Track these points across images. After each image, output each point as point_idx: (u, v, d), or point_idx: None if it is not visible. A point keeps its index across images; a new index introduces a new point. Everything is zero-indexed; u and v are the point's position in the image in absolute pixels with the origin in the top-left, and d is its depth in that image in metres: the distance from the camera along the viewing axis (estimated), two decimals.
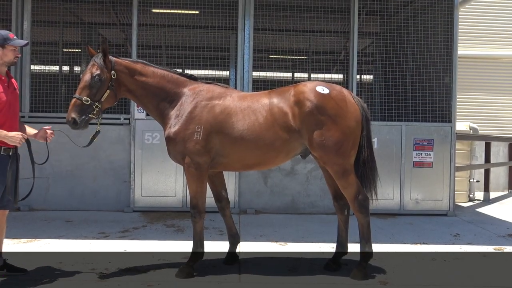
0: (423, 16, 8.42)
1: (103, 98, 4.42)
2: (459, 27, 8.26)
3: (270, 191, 7.91)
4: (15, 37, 4.33)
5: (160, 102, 4.59)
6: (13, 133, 4.18)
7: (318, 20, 9.25)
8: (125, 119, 7.68)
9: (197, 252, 4.62)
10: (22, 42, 4.42)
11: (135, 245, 5.68)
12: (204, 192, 4.58)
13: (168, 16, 8.79)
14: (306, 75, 10.69)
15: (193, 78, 4.77)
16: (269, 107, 4.51)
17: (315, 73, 10.50)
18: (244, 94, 4.78)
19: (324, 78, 10.25)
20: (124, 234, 6.20)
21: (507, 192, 11.68)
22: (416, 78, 8.46)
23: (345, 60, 9.82)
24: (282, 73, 11.84)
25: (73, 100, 4.34)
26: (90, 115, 4.37)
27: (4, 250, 4.54)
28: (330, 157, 4.44)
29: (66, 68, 9.99)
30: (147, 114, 6.84)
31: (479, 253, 5.68)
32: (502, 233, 6.82)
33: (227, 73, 9.00)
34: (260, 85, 8.22)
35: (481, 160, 11.02)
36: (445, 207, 8.01)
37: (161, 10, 8.58)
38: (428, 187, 7.99)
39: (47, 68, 9.29)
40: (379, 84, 9.26)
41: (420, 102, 8.26)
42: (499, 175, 11.99)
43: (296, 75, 11.66)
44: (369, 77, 10.68)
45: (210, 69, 9.29)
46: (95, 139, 4.59)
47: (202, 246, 4.65)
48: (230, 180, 7.47)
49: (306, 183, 7.92)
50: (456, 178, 8.30)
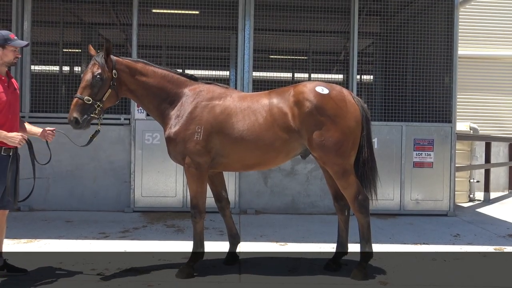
0: (423, 16, 8.42)
1: (104, 98, 4.41)
2: (459, 27, 8.25)
3: (270, 191, 7.91)
4: (15, 37, 4.33)
5: (161, 102, 4.59)
6: (13, 134, 4.17)
7: (318, 20, 9.25)
8: (125, 119, 7.68)
9: (197, 252, 4.62)
10: (22, 43, 4.41)
11: (135, 245, 5.68)
12: (204, 192, 4.58)
13: (168, 16, 8.79)
14: (306, 75, 10.69)
15: (193, 78, 4.76)
16: (269, 108, 4.52)
17: (315, 73, 10.50)
18: (244, 95, 4.79)
19: (324, 78, 10.26)
20: (124, 234, 6.20)
21: (507, 192, 11.68)
22: (416, 78, 8.46)
23: (345, 60, 9.84)
24: (282, 74, 11.83)
25: (75, 99, 4.32)
26: (92, 115, 4.35)
27: (4, 250, 4.54)
28: (330, 157, 4.44)
29: (66, 68, 9.99)
30: (147, 114, 6.85)
31: (479, 253, 5.68)
32: (502, 233, 6.82)
33: (227, 73, 9.00)
34: (260, 86, 8.20)
35: (481, 160, 11.02)
36: (445, 207, 8.01)
37: (161, 10, 8.59)
38: (428, 187, 7.99)
39: (47, 68, 9.30)
40: (379, 84, 9.25)
41: (420, 102, 8.26)
42: (499, 175, 11.99)
43: (296, 75, 11.65)
44: (369, 77, 10.68)
45: (210, 70, 9.29)
46: (95, 138, 4.58)
47: (203, 246, 4.66)
48: (230, 180, 7.47)
49: (306, 183, 7.92)
50: (456, 178, 8.29)
